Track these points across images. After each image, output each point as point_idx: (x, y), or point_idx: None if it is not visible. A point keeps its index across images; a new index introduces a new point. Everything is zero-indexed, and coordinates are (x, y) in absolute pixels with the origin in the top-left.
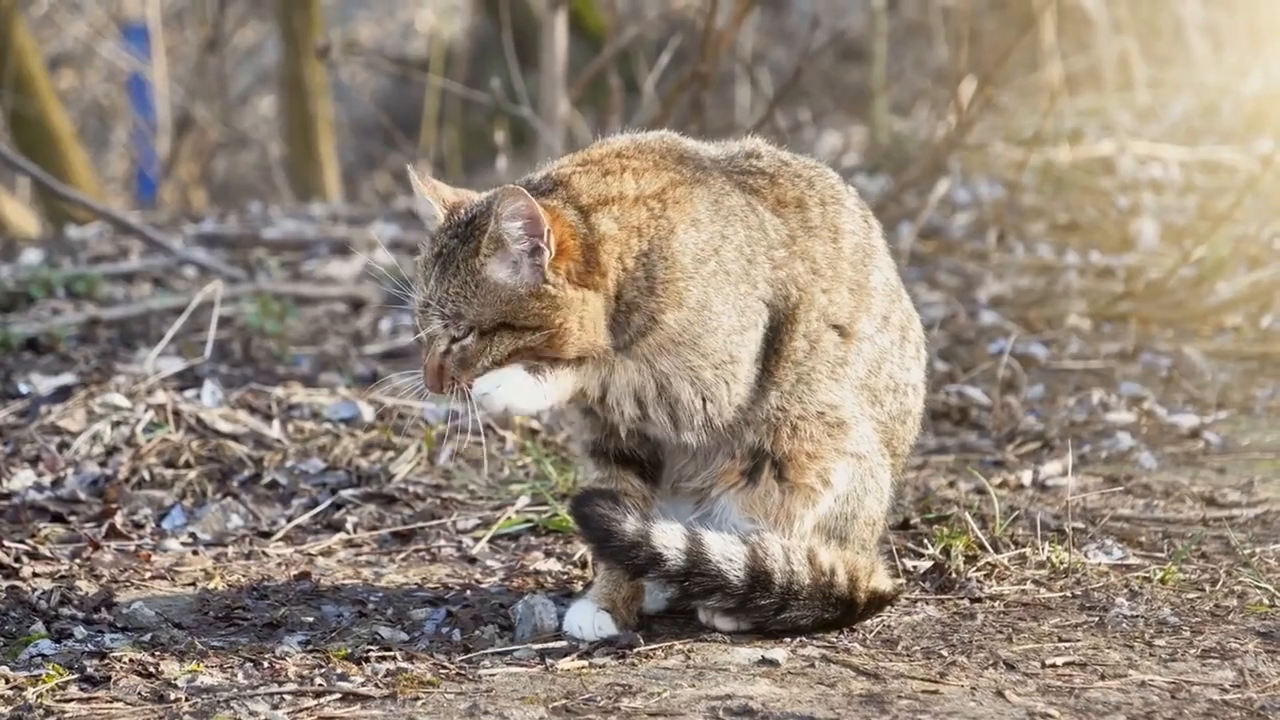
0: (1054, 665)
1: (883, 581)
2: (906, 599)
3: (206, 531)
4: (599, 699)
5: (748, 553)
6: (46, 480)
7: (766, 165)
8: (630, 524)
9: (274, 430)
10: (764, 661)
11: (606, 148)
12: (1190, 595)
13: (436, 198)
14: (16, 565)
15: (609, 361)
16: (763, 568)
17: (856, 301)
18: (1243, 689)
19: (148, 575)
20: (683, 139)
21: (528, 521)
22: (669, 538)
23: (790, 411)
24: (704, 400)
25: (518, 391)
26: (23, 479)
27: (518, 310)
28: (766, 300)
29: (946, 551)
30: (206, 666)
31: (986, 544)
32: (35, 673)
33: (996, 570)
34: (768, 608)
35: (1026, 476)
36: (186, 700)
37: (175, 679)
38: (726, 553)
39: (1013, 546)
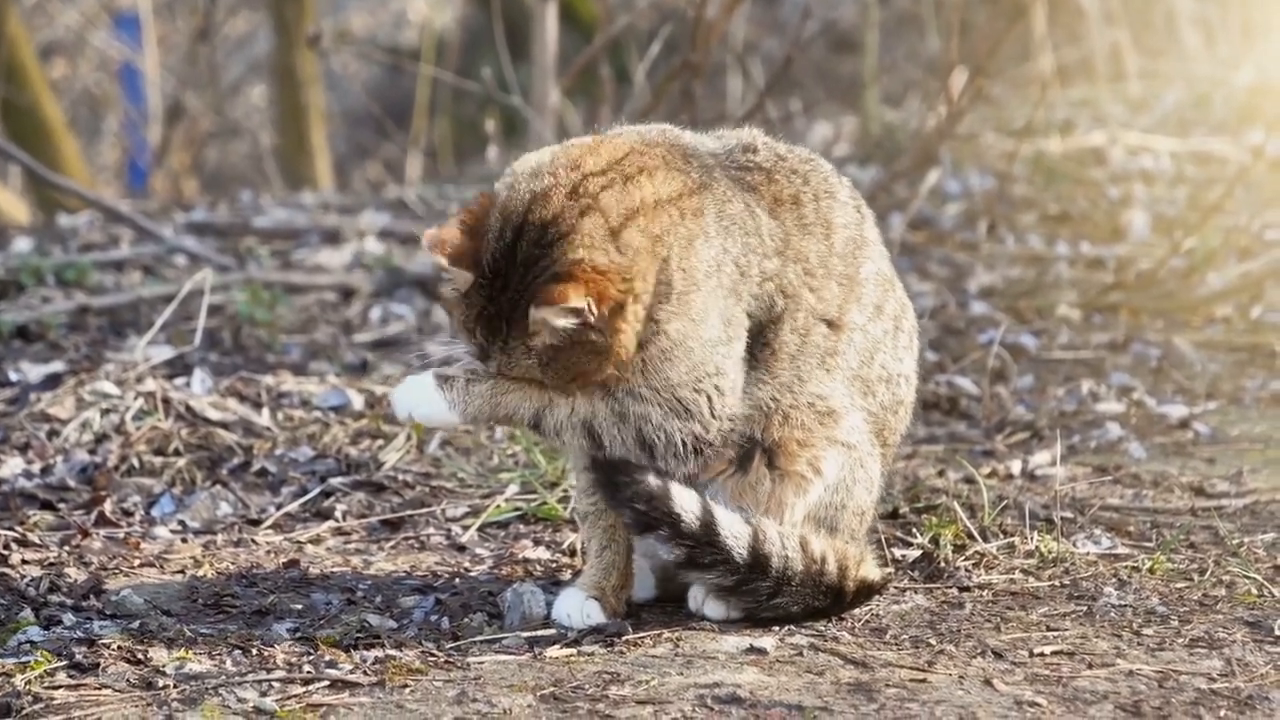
0: (1042, 654)
1: (871, 570)
2: (895, 588)
3: (196, 519)
4: (587, 687)
5: (750, 534)
6: (36, 468)
7: (763, 160)
8: (652, 478)
9: (264, 418)
10: (752, 650)
11: (622, 145)
12: (1178, 585)
13: (452, 258)
14: (5, 552)
15: (538, 393)
16: (762, 550)
17: (846, 294)
18: (1230, 678)
19: (137, 563)
20: (682, 133)
21: (517, 510)
22: (686, 500)
23: (781, 401)
24: (680, 420)
25: (423, 404)
26: (12, 466)
27: (567, 352)
28: (749, 312)
29: (935, 541)
30: (195, 654)
31: (975, 533)
32: (24, 660)
33: (985, 559)
34: (762, 591)
35: (1015, 466)
36: (175, 687)
37: (163, 666)
38: (734, 530)
39: (1001, 536)
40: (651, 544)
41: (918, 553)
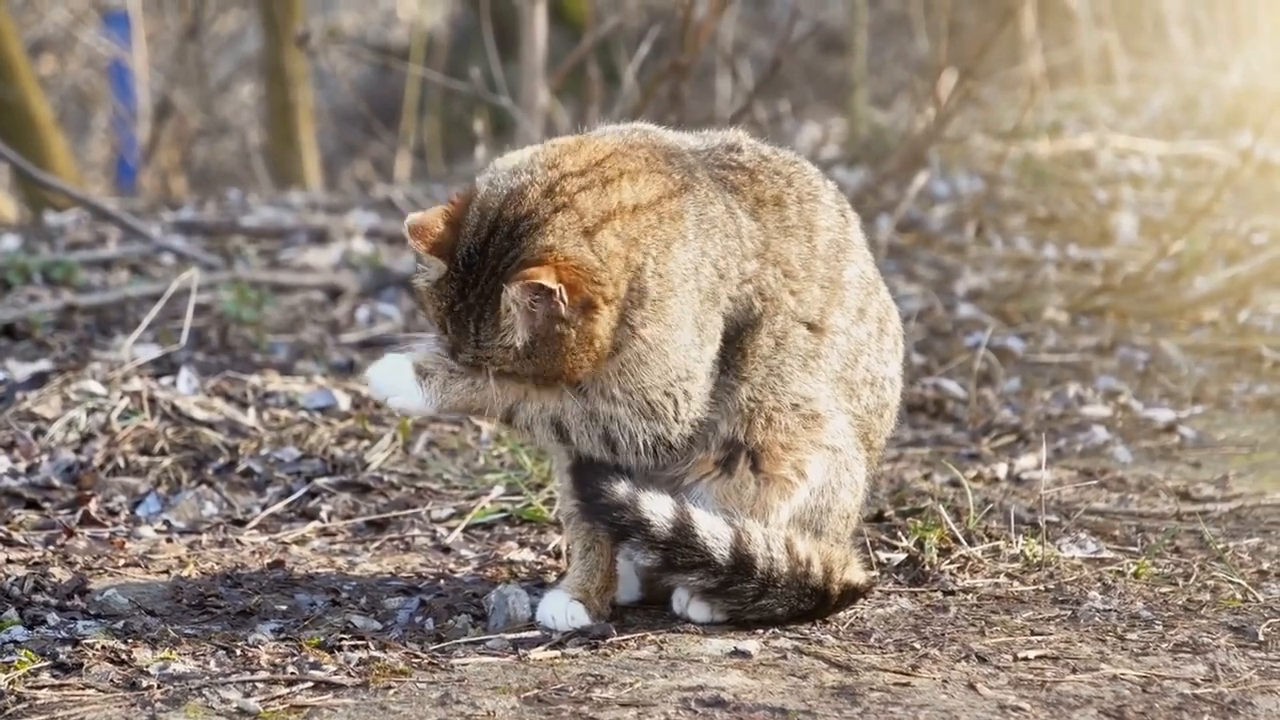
0: (1026, 658)
1: (856, 574)
2: (880, 591)
3: (181, 519)
4: (571, 689)
5: (733, 534)
6: (21, 466)
7: (747, 160)
8: (622, 487)
9: (249, 418)
10: (736, 653)
11: (604, 147)
12: (1163, 589)
13: (431, 248)
14: None
15: (516, 386)
16: (746, 551)
17: (829, 297)
18: (1214, 683)
19: (121, 562)
20: (664, 133)
21: (502, 511)
22: (657, 505)
23: (764, 403)
24: (648, 420)
25: (399, 390)
26: None
27: (543, 350)
28: (727, 314)
29: (920, 544)
30: (179, 654)
31: (960, 537)
32: (7, 659)
33: (970, 563)
34: (747, 592)
35: (1001, 470)
36: (158, 688)
37: (147, 666)
38: (714, 531)
39: (986, 539)
40: (628, 550)
41: (903, 556)
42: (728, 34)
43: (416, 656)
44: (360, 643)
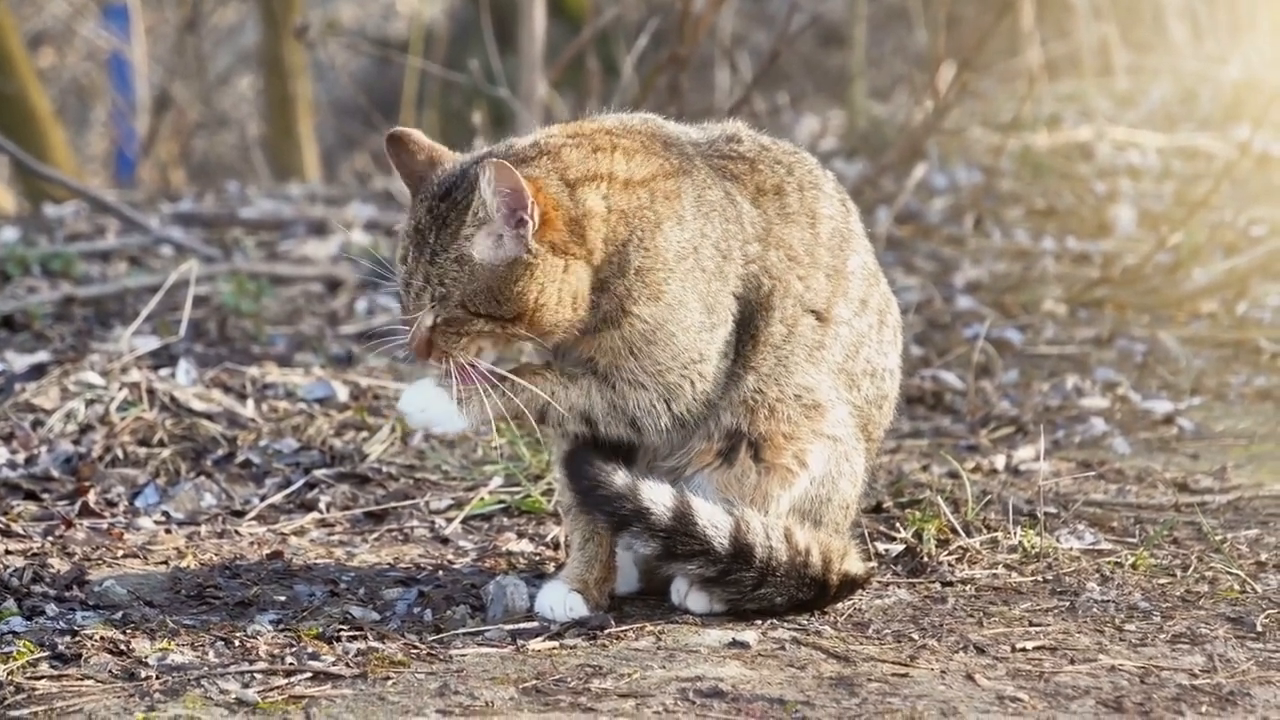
0: (1024, 649)
1: (855, 564)
2: (878, 582)
3: (179, 510)
4: (569, 680)
5: (732, 524)
6: (20, 458)
7: (747, 150)
8: (619, 477)
9: (248, 410)
10: (735, 644)
11: (596, 123)
12: (1161, 581)
13: (404, 168)
14: None
15: (545, 386)
16: (745, 540)
17: (834, 286)
18: (1212, 674)
19: (120, 553)
20: (665, 122)
21: (500, 502)
22: (656, 494)
23: (768, 394)
24: (668, 402)
25: (437, 415)
26: None
27: (502, 283)
28: (737, 294)
29: (919, 535)
30: (177, 645)
31: (959, 528)
32: (6, 650)
33: (968, 554)
34: (746, 582)
35: (1000, 461)
36: (157, 678)
37: (146, 657)
38: (714, 520)
39: (985, 531)
40: (628, 540)
41: (901, 547)
42: (726, 26)
43: (415, 647)
44: (359, 633)
